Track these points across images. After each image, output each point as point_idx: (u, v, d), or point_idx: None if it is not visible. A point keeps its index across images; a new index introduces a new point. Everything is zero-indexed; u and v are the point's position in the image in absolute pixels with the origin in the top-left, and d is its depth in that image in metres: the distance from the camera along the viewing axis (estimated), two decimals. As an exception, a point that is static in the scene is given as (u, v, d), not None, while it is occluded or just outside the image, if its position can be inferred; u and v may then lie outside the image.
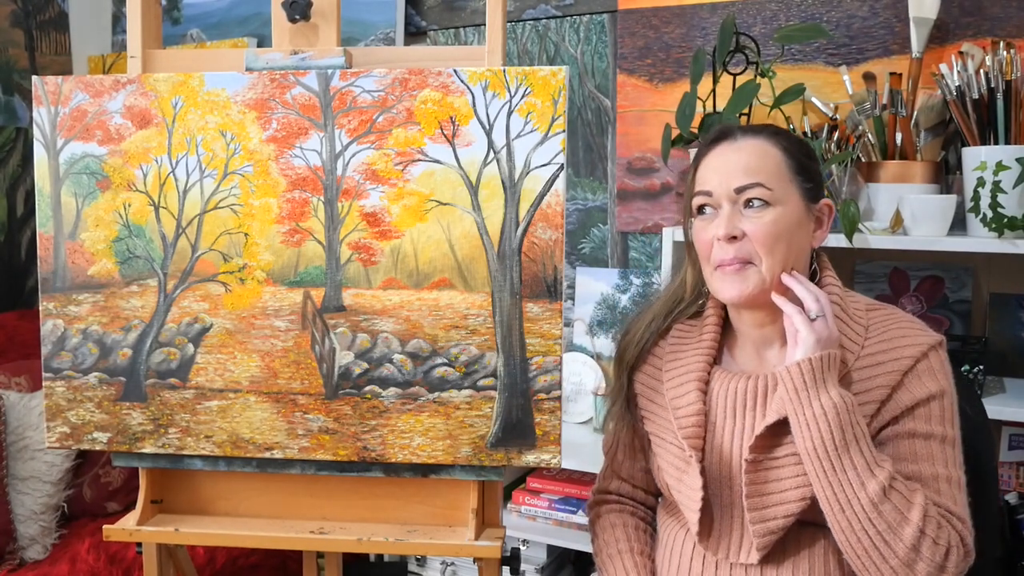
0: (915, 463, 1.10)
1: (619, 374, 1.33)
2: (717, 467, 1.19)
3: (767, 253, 1.13)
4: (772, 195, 1.14)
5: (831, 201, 1.22)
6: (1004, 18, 1.87)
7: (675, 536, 1.25)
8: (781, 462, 1.13)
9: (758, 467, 1.14)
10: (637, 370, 1.31)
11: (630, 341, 1.32)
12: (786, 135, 1.21)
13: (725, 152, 1.18)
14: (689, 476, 1.18)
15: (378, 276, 1.31)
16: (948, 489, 1.10)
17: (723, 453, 1.19)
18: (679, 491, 1.20)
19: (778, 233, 1.13)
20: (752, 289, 1.14)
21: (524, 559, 2.01)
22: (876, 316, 1.19)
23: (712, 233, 1.16)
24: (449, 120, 1.27)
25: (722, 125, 1.24)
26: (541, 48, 2.39)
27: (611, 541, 1.31)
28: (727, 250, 1.14)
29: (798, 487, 1.11)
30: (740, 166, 1.15)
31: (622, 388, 1.31)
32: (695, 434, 1.19)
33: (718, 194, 1.16)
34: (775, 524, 1.12)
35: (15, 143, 2.74)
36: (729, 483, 1.18)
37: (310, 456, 1.33)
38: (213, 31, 2.83)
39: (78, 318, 1.35)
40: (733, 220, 1.14)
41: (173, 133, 1.32)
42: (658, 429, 1.26)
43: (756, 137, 1.18)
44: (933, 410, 1.12)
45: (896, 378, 1.12)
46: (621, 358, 1.33)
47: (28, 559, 2.01)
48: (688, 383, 1.22)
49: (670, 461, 1.22)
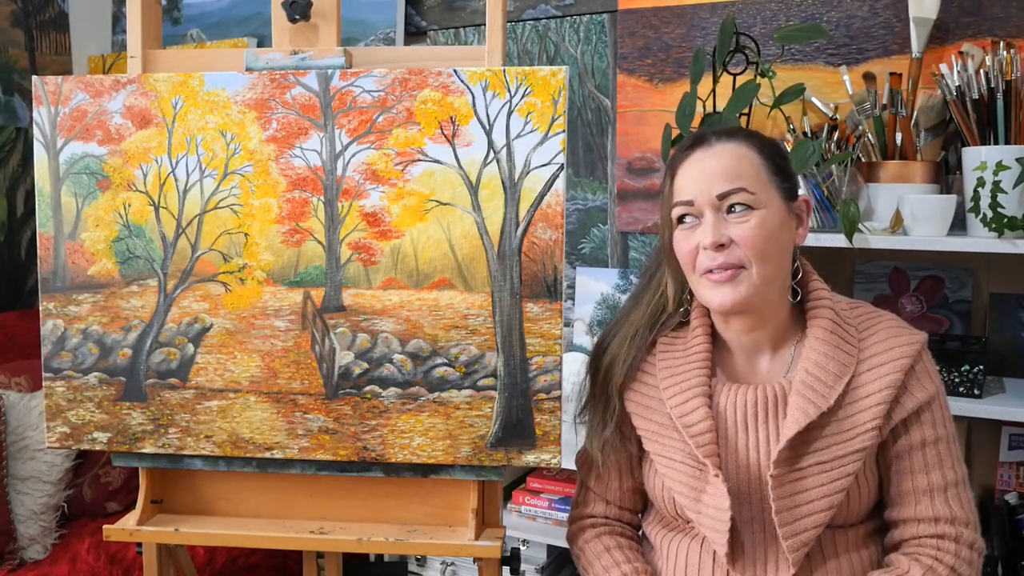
0: (930, 473, 1.14)
1: (605, 393, 1.26)
2: (736, 483, 1.16)
3: (756, 257, 1.12)
4: (755, 199, 1.13)
5: (808, 196, 1.22)
6: (1004, 18, 1.87)
7: (686, 553, 1.20)
8: (805, 472, 1.12)
9: (783, 481, 1.12)
10: (627, 388, 1.25)
11: (614, 359, 1.26)
12: (758, 137, 1.20)
13: (702, 159, 1.16)
14: (710, 495, 1.14)
15: (378, 276, 1.31)
16: (956, 493, 1.14)
17: (740, 467, 1.16)
18: (698, 511, 1.15)
19: (766, 236, 1.13)
20: (744, 295, 1.13)
21: (524, 559, 2.01)
22: (862, 316, 1.20)
23: (696, 242, 1.14)
24: (449, 120, 1.27)
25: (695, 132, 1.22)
26: (541, 48, 2.39)
27: (610, 565, 1.25)
28: (715, 257, 1.13)
29: (825, 496, 1.11)
30: (719, 172, 1.14)
31: (613, 410, 1.25)
32: (713, 452, 1.15)
33: (700, 202, 1.14)
34: (807, 536, 1.11)
35: (15, 143, 2.74)
36: (748, 497, 1.15)
37: (310, 456, 1.33)
38: (213, 31, 2.83)
39: (78, 318, 1.35)
40: (719, 227, 1.13)
41: (173, 133, 1.32)
42: (662, 449, 1.20)
43: (731, 141, 1.17)
44: (936, 411, 1.15)
45: (899, 377, 1.13)
46: (606, 378, 1.26)
47: (28, 559, 2.01)
48: (694, 398, 1.18)
49: (682, 481, 1.17)
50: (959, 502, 1.14)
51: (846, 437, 1.12)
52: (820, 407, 1.12)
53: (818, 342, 1.16)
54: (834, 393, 1.13)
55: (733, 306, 1.14)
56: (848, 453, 1.11)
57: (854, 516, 1.16)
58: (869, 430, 1.12)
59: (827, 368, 1.14)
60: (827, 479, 1.11)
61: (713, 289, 1.14)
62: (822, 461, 1.12)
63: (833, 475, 1.11)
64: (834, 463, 1.11)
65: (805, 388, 1.13)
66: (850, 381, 1.13)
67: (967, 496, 1.15)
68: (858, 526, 1.17)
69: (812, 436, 1.13)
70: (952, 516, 1.13)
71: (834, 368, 1.14)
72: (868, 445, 1.11)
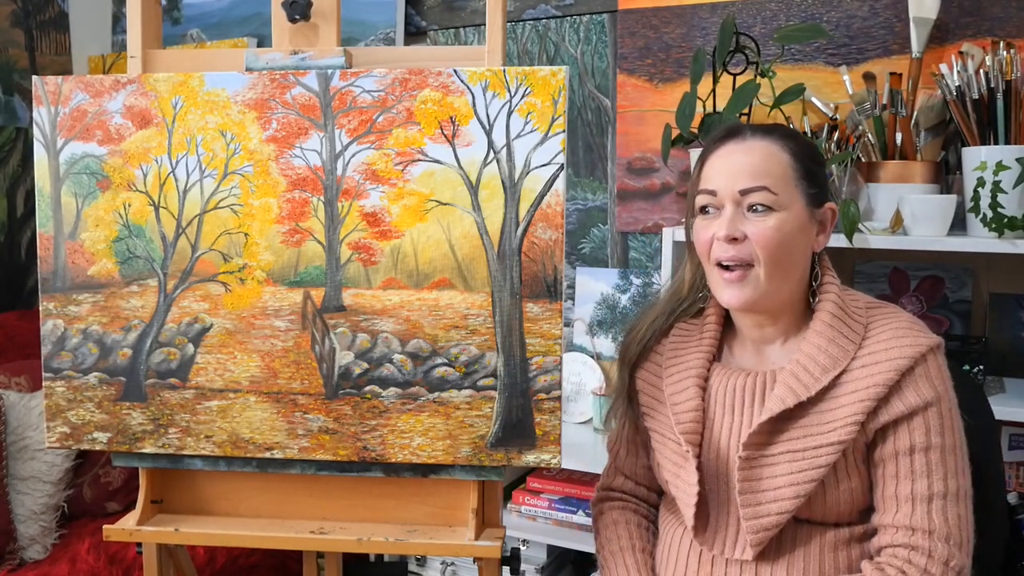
0: (916, 481, 1.10)
1: (621, 371, 1.34)
2: (714, 463, 1.19)
3: (767, 257, 1.13)
4: (776, 200, 1.13)
5: (835, 205, 1.21)
6: (1004, 18, 1.87)
7: (674, 532, 1.25)
8: (775, 459, 1.13)
9: (752, 464, 1.14)
10: (639, 367, 1.32)
11: (633, 339, 1.33)
12: (796, 138, 1.19)
13: (733, 152, 1.17)
14: (686, 472, 1.19)
15: (378, 276, 1.31)
16: (943, 506, 1.09)
17: (719, 449, 1.19)
18: (676, 487, 1.20)
19: (780, 239, 1.13)
20: (751, 296, 1.15)
21: (524, 559, 2.01)
22: (876, 314, 1.19)
23: (712, 232, 1.16)
24: (449, 120, 1.27)
25: (732, 123, 1.23)
26: (541, 48, 2.39)
27: (612, 538, 1.32)
28: (727, 249, 1.15)
29: (792, 484, 1.11)
30: (746, 168, 1.14)
31: (624, 385, 1.32)
32: (692, 430, 1.19)
33: (722, 194, 1.15)
34: (768, 521, 1.12)
35: (15, 143, 2.74)
36: (725, 479, 1.18)
37: (310, 456, 1.33)
38: (213, 31, 2.83)
39: (78, 318, 1.35)
40: (735, 222, 1.14)
41: (173, 133, 1.32)
42: (658, 426, 1.26)
43: (765, 138, 1.17)
44: (931, 419, 1.11)
45: (893, 377, 1.11)
46: (624, 356, 1.34)
47: (28, 559, 2.01)
48: (687, 379, 1.22)
49: (668, 457, 1.23)
50: (943, 516, 1.09)
51: (823, 429, 1.12)
52: (799, 396, 1.13)
53: (815, 334, 1.16)
54: (817, 385, 1.13)
55: (741, 305, 1.17)
56: (822, 445, 1.11)
57: (833, 514, 1.14)
58: (848, 424, 1.10)
59: (817, 360, 1.14)
60: (796, 468, 1.11)
61: (724, 287, 1.17)
62: (794, 450, 1.12)
63: (803, 464, 1.11)
64: (806, 452, 1.12)
65: (790, 377, 1.15)
66: (840, 376, 1.13)
67: (959, 513, 1.10)
68: (842, 528, 1.15)
69: (788, 424, 1.14)
70: (930, 528, 1.08)
71: (824, 361, 1.14)
72: (845, 440, 1.10)
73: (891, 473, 1.12)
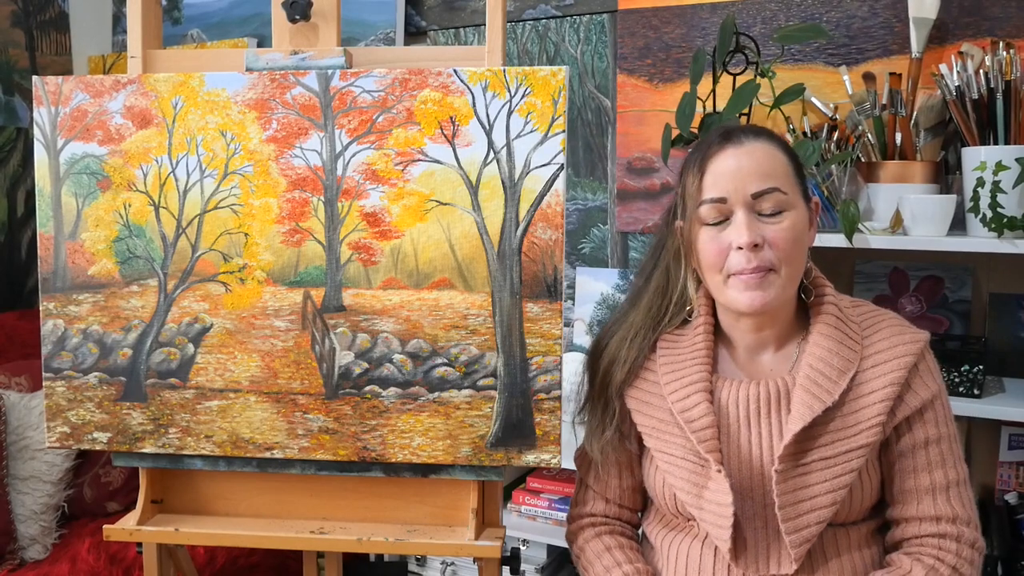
0: (933, 472, 1.14)
1: (604, 395, 1.25)
2: (738, 478, 1.15)
3: (787, 260, 1.12)
4: (787, 200, 1.13)
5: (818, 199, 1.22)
6: (1004, 18, 1.87)
7: (687, 551, 1.19)
8: (809, 467, 1.12)
9: (787, 476, 1.11)
10: (628, 386, 1.24)
11: (614, 360, 1.24)
12: (779, 136, 1.20)
13: (736, 155, 1.14)
14: (712, 491, 1.13)
15: (378, 276, 1.31)
16: (958, 492, 1.14)
17: (743, 463, 1.16)
18: (700, 508, 1.15)
19: (796, 239, 1.13)
20: (772, 297, 1.12)
21: (524, 559, 2.01)
22: (862, 313, 1.20)
23: (728, 241, 1.12)
24: (449, 120, 1.27)
25: (720, 128, 1.20)
26: (541, 48, 2.39)
27: (611, 565, 1.24)
28: (749, 259, 1.11)
29: (829, 492, 1.11)
30: (755, 171, 1.12)
31: (613, 412, 1.24)
32: (715, 447, 1.14)
33: (733, 200, 1.12)
34: (809, 532, 1.10)
35: (15, 143, 2.74)
36: (751, 493, 1.15)
37: (310, 456, 1.33)
38: (213, 31, 2.83)
39: (78, 318, 1.35)
40: (754, 228, 1.11)
41: (173, 133, 1.32)
42: (664, 445, 1.19)
43: (759, 139, 1.16)
44: (938, 410, 1.15)
45: (903, 375, 1.13)
46: (605, 380, 1.25)
47: (28, 559, 2.01)
48: (695, 393, 1.17)
49: (683, 477, 1.16)
50: (960, 501, 1.14)
51: (850, 433, 1.12)
52: (825, 402, 1.12)
53: (822, 338, 1.16)
54: (838, 388, 1.12)
55: (763, 307, 1.13)
56: (852, 449, 1.11)
57: (855, 514, 1.16)
58: (873, 426, 1.12)
59: (831, 364, 1.14)
60: (831, 475, 1.11)
61: (743, 292, 1.12)
62: (826, 457, 1.11)
63: (837, 471, 1.11)
64: (838, 459, 1.11)
65: (810, 383, 1.13)
66: (854, 377, 1.13)
67: (968, 495, 1.15)
68: (859, 525, 1.17)
69: (816, 432, 1.12)
70: (954, 515, 1.13)
71: (838, 364, 1.14)
72: (872, 441, 1.11)
73: (909, 467, 1.14)
